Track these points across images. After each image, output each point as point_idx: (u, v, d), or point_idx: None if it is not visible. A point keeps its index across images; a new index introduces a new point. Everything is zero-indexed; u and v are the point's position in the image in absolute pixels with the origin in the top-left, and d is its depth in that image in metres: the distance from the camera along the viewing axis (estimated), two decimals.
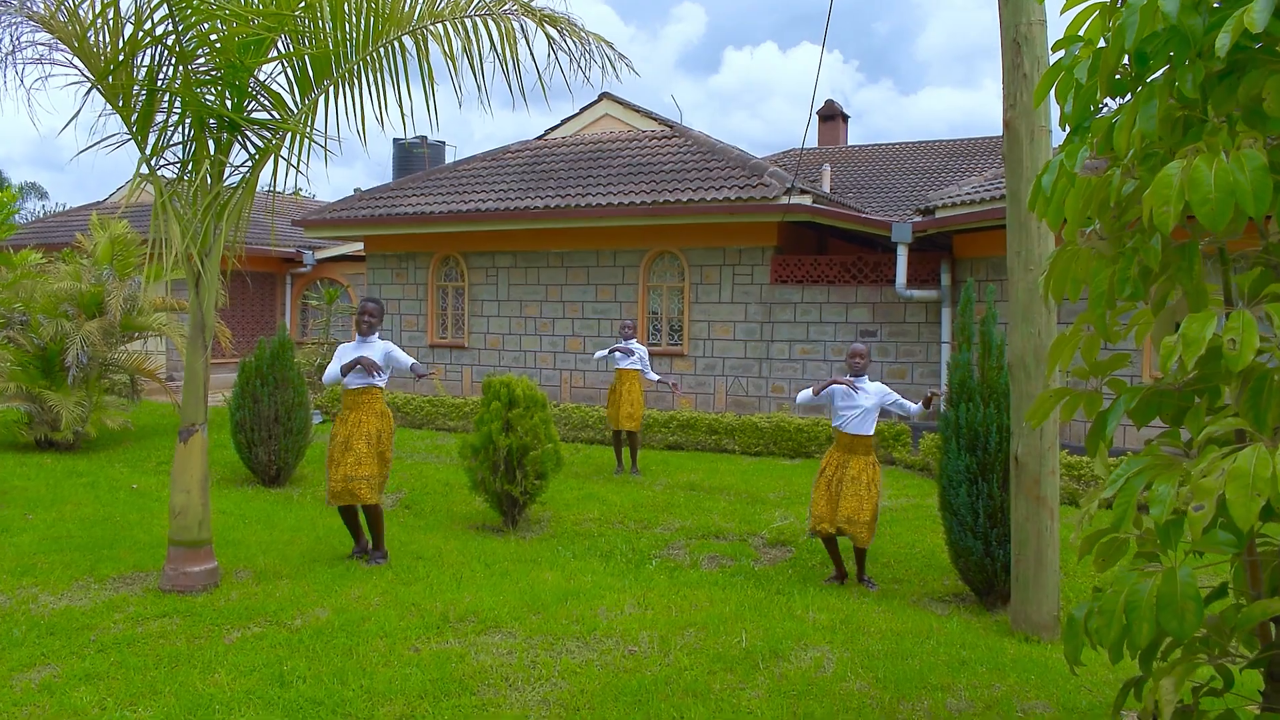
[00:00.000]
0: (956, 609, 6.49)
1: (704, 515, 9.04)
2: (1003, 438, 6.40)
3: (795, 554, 7.84)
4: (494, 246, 16.08)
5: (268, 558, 6.91)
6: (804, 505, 9.59)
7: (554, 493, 9.48)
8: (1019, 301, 5.92)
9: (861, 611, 6.00)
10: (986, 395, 6.51)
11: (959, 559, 6.61)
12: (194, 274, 6.14)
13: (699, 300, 14.49)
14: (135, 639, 5.11)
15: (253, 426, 10.36)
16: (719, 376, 14.40)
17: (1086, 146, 2.99)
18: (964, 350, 6.67)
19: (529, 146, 17.51)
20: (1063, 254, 3.17)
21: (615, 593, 6.12)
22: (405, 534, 8.09)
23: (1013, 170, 5.93)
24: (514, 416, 8.34)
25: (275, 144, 6.30)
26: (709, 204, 13.61)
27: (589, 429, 13.92)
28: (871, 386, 6.98)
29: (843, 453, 6.93)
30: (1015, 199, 5.90)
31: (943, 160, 24.79)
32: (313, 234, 18.00)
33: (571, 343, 15.51)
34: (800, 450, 12.81)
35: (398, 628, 5.26)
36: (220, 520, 8.24)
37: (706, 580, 6.77)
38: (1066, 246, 3.11)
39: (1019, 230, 5.90)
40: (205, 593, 6.02)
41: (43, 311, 12.43)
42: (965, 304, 6.74)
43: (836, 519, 6.79)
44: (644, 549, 7.81)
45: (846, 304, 13.61)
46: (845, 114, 29.38)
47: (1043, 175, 3.07)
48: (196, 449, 6.16)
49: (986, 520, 6.41)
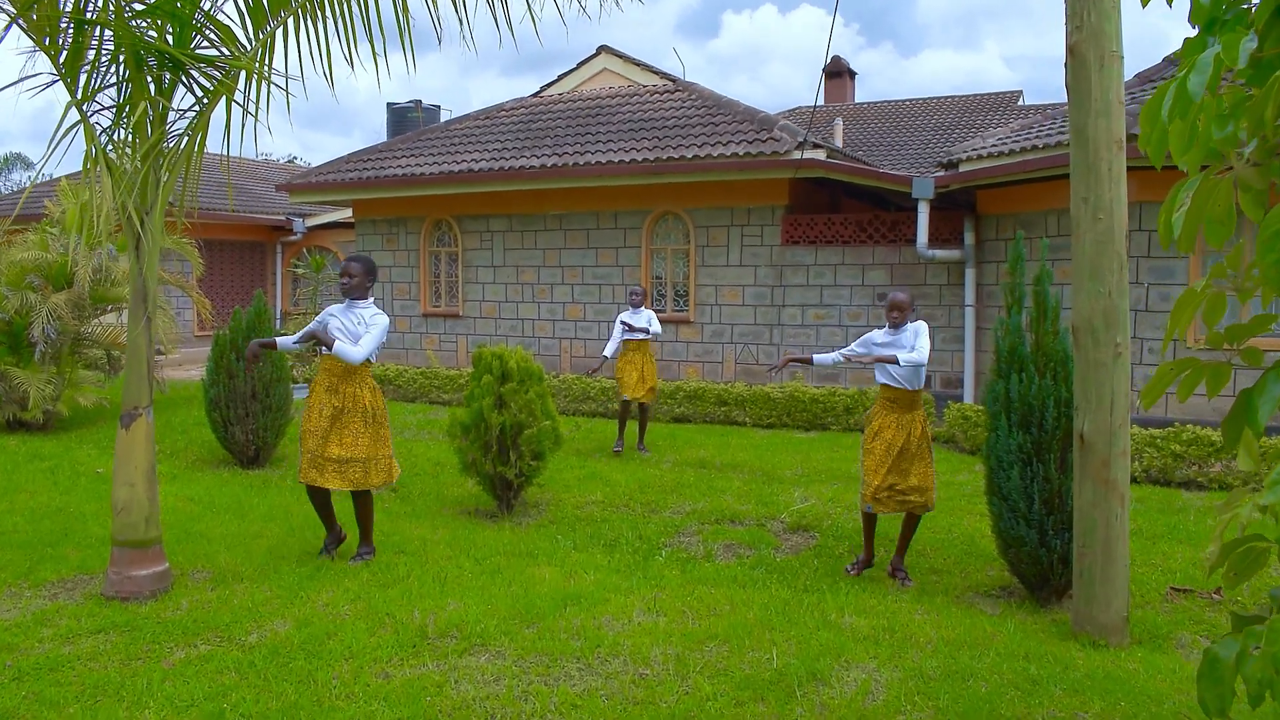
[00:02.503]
0: (1007, 607, 5.73)
1: (717, 497, 8.28)
2: (1060, 413, 5.61)
3: (819, 540, 7.09)
4: (488, 209, 15.22)
5: (231, 555, 6.15)
6: (824, 483, 8.84)
7: (553, 472, 8.72)
8: (1085, 256, 5.10)
9: (904, 614, 5.24)
10: (1042, 364, 5.72)
11: (1009, 549, 5.84)
12: (133, 234, 5.32)
13: (705, 263, 13.65)
14: (61, 663, 4.36)
15: (228, 404, 9.59)
16: (727, 344, 13.59)
17: (1251, 32, 2.19)
18: (1015, 313, 5.87)
19: (524, 104, 16.60)
20: (1203, 186, 2.39)
21: (622, 595, 5.36)
22: (389, 522, 7.33)
23: (1078, 103, 5.09)
24: (507, 391, 7.56)
25: (227, 85, 5.48)
26: (715, 160, 12.74)
27: (590, 401, 13.14)
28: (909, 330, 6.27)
29: (900, 411, 6.18)
30: (1081, 136, 5.07)
31: (955, 116, 23.84)
32: (298, 199, 17.14)
33: (571, 310, 14.70)
34: (816, 422, 12.03)
35: (367, 646, 4.50)
36: (186, 509, 7.49)
37: (724, 575, 6.00)
38: (1206, 178, 2.33)
39: (1086, 173, 5.08)
40: (153, 600, 5.26)
41: (8, 284, 11.62)
42: (1015, 260, 5.92)
43: (908, 488, 6.06)
44: (653, 537, 7.06)
45: (863, 265, 12.78)
46: (852, 71, 28.37)
47: (1179, 83, 2.27)
48: (141, 436, 5.38)
49: (1042, 506, 5.64)
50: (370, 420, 5.97)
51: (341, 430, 5.88)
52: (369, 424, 5.95)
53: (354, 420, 5.91)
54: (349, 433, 5.92)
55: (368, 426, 5.95)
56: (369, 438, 5.96)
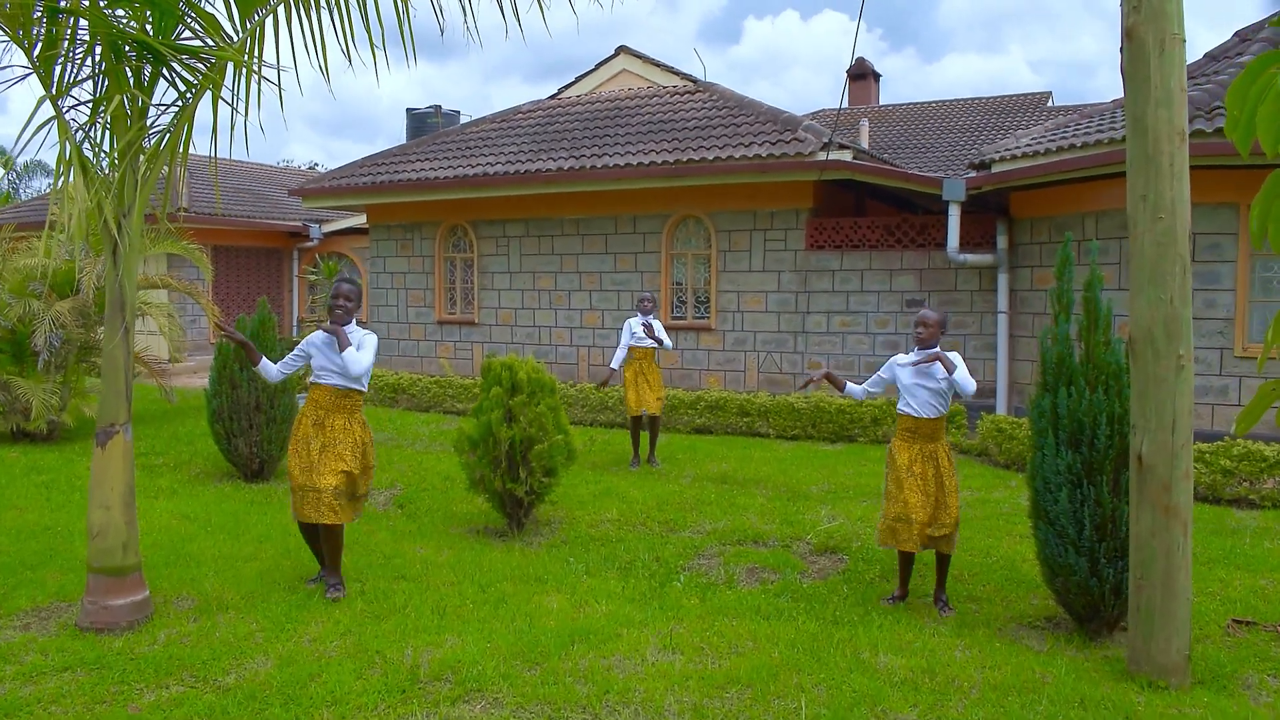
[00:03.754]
0: (1054, 641, 5.26)
1: (738, 515, 7.84)
2: (1114, 430, 5.15)
3: (848, 563, 6.64)
4: (505, 214, 14.85)
5: (219, 579, 5.77)
6: (852, 500, 8.37)
7: (567, 488, 8.32)
8: (1145, 259, 4.64)
9: (944, 652, 4.79)
10: (1093, 377, 5.25)
11: (1055, 578, 5.37)
12: (110, 239, 4.96)
13: (727, 268, 13.21)
14: (19, 706, 3.98)
15: (231, 415, 9.25)
16: (750, 352, 13.14)
17: None
18: (1063, 321, 5.40)
19: (541, 106, 16.23)
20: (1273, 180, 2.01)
21: (635, 628, 4.93)
22: (392, 542, 6.95)
23: (1135, 91, 4.63)
24: (516, 404, 7.15)
25: (212, 78, 5.10)
26: (737, 162, 12.31)
27: (608, 411, 12.71)
28: None
29: (923, 442, 5.72)
30: (1139, 127, 4.61)
31: (983, 118, 23.32)
32: (312, 204, 16.82)
33: (589, 317, 14.29)
34: (842, 434, 11.56)
35: (352, 691, 4.09)
36: (180, 529, 7.14)
37: (746, 605, 5.56)
38: None
39: (1145, 168, 4.61)
40: (130, 631, 4.89)
41: (10, 291, 11.34)
42: (1063, 263, 5.45)
43: (939, 527, 5.61)
44: (670, 559, 6.63)
45: (890, 271, 12.30)
46: (876, 73, 27.90)
47: None
48: (118, 456, 5.00)
49: (1093, 532, 5.17)
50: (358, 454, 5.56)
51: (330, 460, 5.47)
52: (357, 457, 5.55)
53: (345, 451, 5.50)
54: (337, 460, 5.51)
55: (357, 460, 5.54)
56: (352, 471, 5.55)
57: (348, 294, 5.67)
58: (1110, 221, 10.03)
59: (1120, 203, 10.48)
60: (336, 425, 5.52)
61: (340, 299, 5.65)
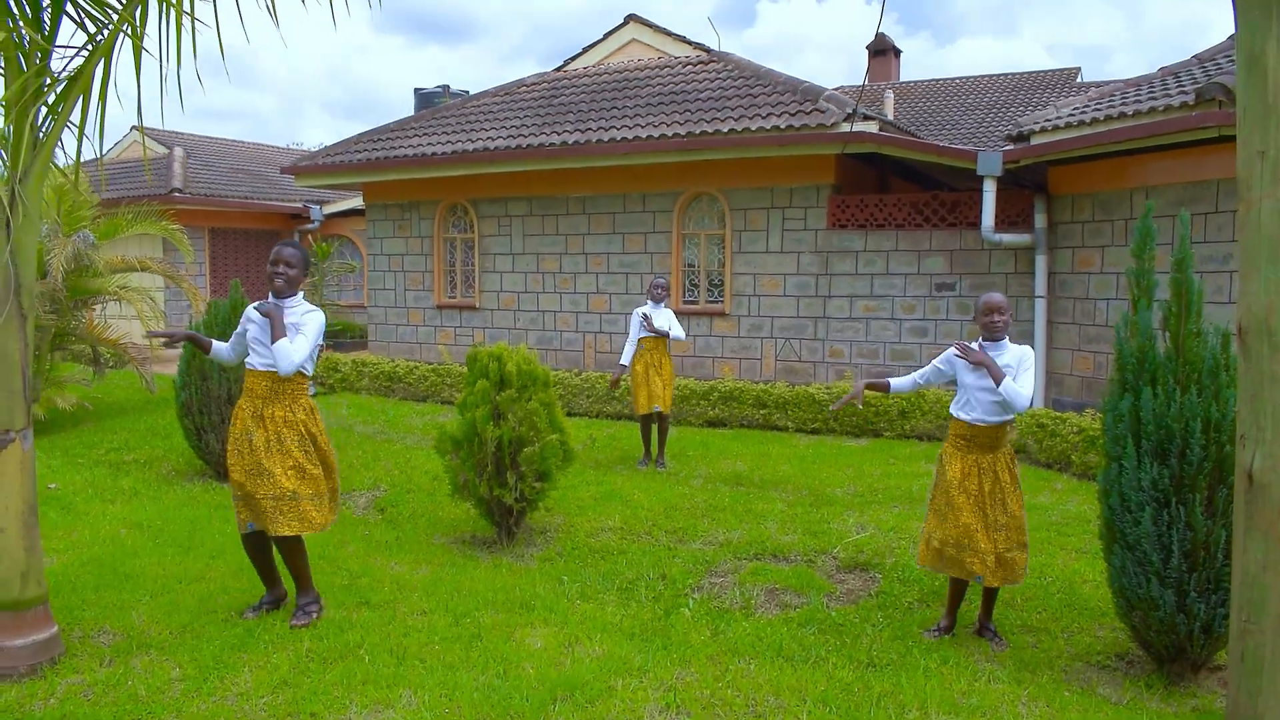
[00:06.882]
0: (1132, 687, 4.42)
1: (756, 523, 7.00)
2: (1210, 440, 4.28)
3: (881, 583, 5.80)
4: (507, 192, 13.99)
5: (153, 606, 4.97)
6: (882, 505, 7.53)
7: (567, 489, 7.52)
8: (1262, 231, 3.74)
9: (1006, 706, 3.95)
10: (1184, 376, 4.38)
11: (1133, 611, 4.52)
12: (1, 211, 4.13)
13: (743, 249, 12.32)
14: None
15: (200, 410, 8.47)
16: (767, 339, 12.27)
17: None
18: (1144, 308, 4.53)
19: (546, 79, 15.34)
20: None
21: (632, 678, 4.11)
22: (365, 555, 6.15)
23: (1250, 28, 3.74)
24: (504, 400, 6.33)
25: (126, 16, 4.27)
26: (754, 135, 11.41)
27: (616, 402, 11.86)
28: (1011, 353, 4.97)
29: (979, 452, 4.88)
30: (1256, 66, 3.71)
31: (1008, 94, 22.29)
32: (305, 182, 16.00)
33: (595, 301, 13.44)
34: (867, 427, 10.69)
35: None
36: (127, 541, 6.36)
37: (766, 641, 4.72)
38: None
39: (1263, 118, 3.71)
40: (30, 677, 4.10)
41: None
42: (1143, 239, 4.57)
43: (999, 553, 4.79)
44: (678, 578, 5.80)
45: (918, 252, 11.39)
46: (897, 48, 26.88)
47: None
48: (13, 467, 4.19)
49: (1182, 560, 4.31)
50: (309, 448, 4.75)
51: (277, 457, 4.66)
52: (308, 453, 4.73)
53: (292, 446, 4.68)
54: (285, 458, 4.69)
55: (307, 455, 4.72)
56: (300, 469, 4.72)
57: (289, 259, 4.79)
58: (1162, 198, 9.10)
59: (1176, 177, 9.59)
60: (277, 417, 4.70)
61: (281, 264, 4.78)
